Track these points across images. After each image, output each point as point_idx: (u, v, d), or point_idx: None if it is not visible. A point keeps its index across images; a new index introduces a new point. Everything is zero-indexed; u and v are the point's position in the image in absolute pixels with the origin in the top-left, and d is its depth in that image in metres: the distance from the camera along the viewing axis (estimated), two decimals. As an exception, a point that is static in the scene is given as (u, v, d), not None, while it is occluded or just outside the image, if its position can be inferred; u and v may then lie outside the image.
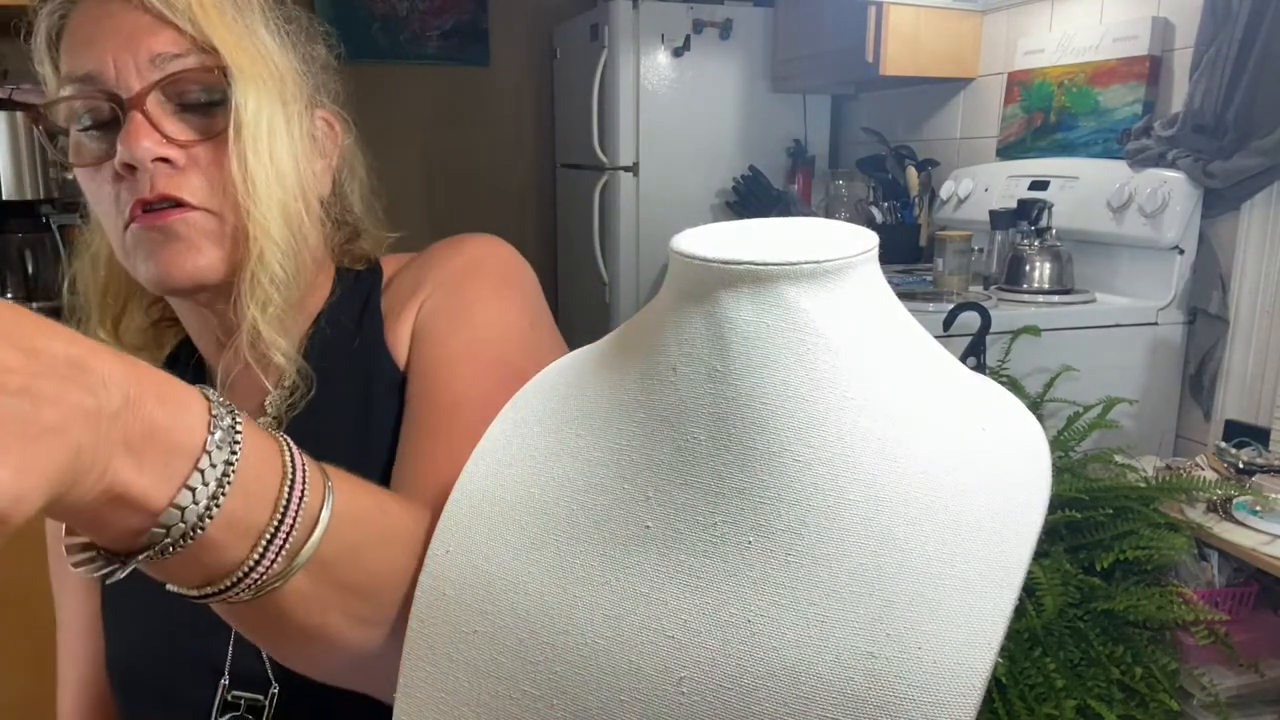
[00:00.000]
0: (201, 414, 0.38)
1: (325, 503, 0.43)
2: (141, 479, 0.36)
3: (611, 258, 2.90)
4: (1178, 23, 1.88)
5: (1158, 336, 1.84)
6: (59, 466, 0.32)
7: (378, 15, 3.43)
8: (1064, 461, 1.44)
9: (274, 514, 0.40)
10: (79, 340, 0.34)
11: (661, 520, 0.43)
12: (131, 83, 0.58)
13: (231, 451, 0.38)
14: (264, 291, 0.60)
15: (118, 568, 0.39)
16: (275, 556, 0.41)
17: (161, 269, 0.59)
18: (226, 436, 0.38)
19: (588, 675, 0.42)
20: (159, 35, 0.58)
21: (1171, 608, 1.26)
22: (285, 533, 0.41)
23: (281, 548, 0.41)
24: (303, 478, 0.42)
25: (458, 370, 0.63)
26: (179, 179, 0.59)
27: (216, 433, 0.38)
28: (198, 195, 0.59)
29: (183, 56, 0.59)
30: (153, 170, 0.58)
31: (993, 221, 2.08)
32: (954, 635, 0.37)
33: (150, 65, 0.58)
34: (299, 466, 0.42)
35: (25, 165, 1.76)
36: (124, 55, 0.58)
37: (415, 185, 3.57)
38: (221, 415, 0.39)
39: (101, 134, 0.60)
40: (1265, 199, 1.70)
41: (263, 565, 0.40)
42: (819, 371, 0.42)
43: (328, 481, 0.44)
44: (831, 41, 2.56)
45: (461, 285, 0.68)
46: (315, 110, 0.68)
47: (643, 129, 2.84)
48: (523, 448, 0.50)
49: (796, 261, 0.42)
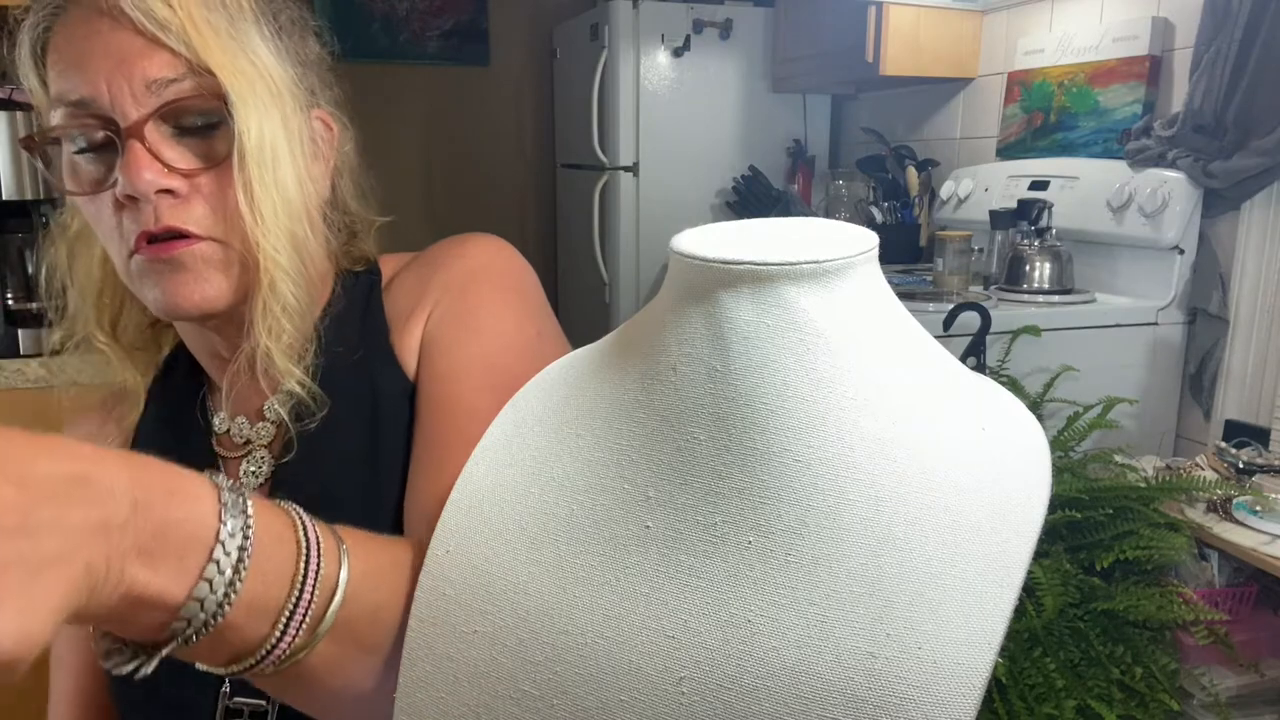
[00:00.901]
0: (212, 503, 0.39)
1: (341, 570, 0.44)
2: (158, 578, 0.36)
3: (611, 258, 2.90)
4: (1178, 23, 1.88)
5: (1158, 336, 1.84)
6: (66, 594, 0.32)
7: (378, 15, 3.43)
8: (1064, 461, 1.44)
9: (292, 590, 0.42)
10: (77, 453, 0.34)
11: (662, 520, 0.43)
12: (128, 109, 0.56)
13: (245, 537, 0.39)
14: (276, 320, 0.60)
15: (144, 661, 0.39)
16: (297, 631, 0.42)
17: (169, 299, 0.59)
18: (239, 523, 0.39)
19: (588, 675, 0.42)
20: (153, 59, 0.56)
21: (1171, 608, 1.26)
22: (305, 607, 0.42)
23: (302, 621, 0.42)
24: (318, 550, 0.43)
25: (469, 385, 0.62)
26: (183, 210, 0.58)
27: (228, 521, 0.39)
28: (202, 225, 0.58)
29: (179, 81, 0.56)
30: (155, 201, 0.57)
31: (993, 221, 2.07)
32: (954, 635, 0.37)
33: (146, 91, 0.56)
34: (313, 539, 0.43)
35: (25, 165, 1.76)
36: (118, 80, 0.56)
37: (415, 185, 3.57)
38: (232, 502, 0.39)
39: (98, 157, 0.58)
40: (1265, 199, 1.70)
41: (285, 640, 0.42)
42: (819, 371, 0.42)
43: (342, 546, 0.45)
44: (831, 41, 2.56)
45: (469, 293, 0.67)
46: (312, 111, 0.66)
47: (643, 129, 2.84)
48: (523, 448, 0.50)
49: (796, 261, 0.42)
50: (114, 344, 0.68)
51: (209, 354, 0.67)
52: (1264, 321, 1.72)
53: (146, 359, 0.72)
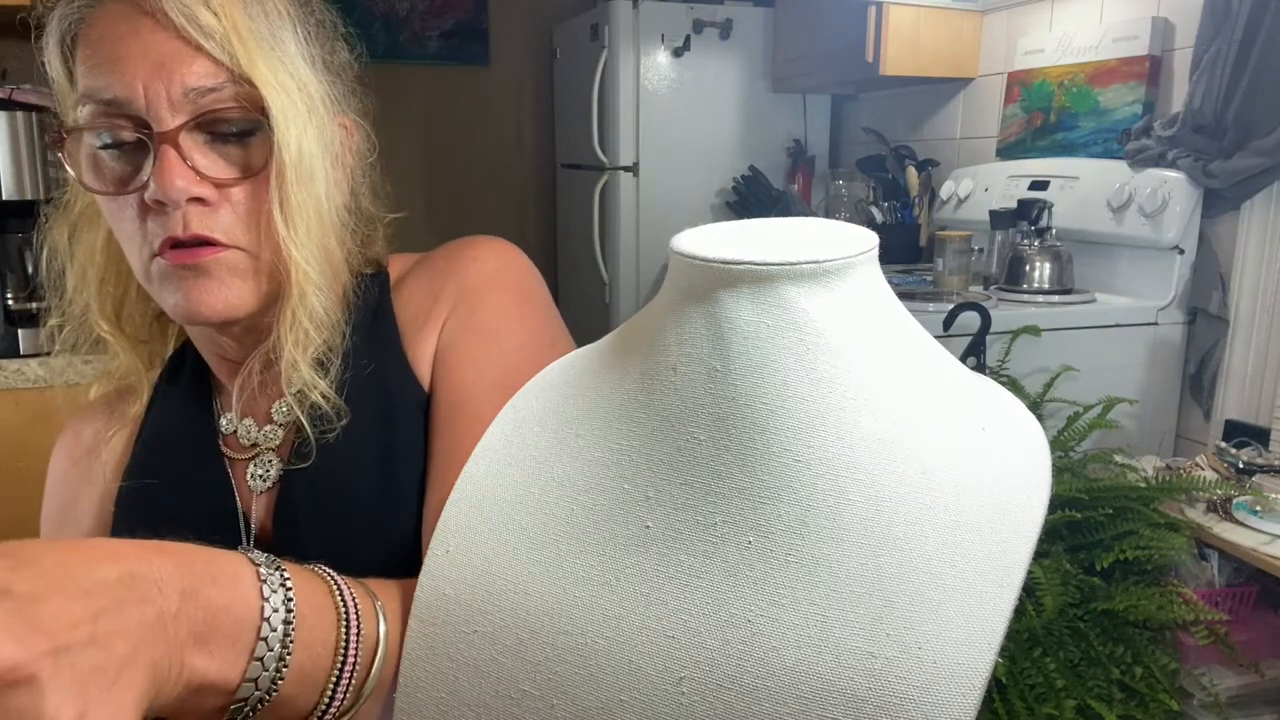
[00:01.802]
0: (253, 581, 0.40)
1: (380, 627, 0.46)
2: (214, 664, 0.38)
3: (611, 258, 2.90)
4: (1178, 23, 1.88)
5: (1158, 336, 1.84)
6: (143, 691, 0.34)
7: (378, 15, 3.43)
8: (1064, 461, 1.44)
9: (336, 656, 0.43)
10: (121, 551, 0.35)
11: (662, 520, 0.43)
12: (163, 114, 0.55)
13: (288, 610, 0.41)
14: (304, 332, 0.60)
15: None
16: (344, 694, 0.44)
17: (191, 305, 0.58)
18: (279, 598, 0.41)
19: (588, 675, 0.42)
20: (193, 66, 0.55)
21: (1171, 608, 1.26)
22: (349, 671, 0.44)
23: (349, 686, 0.44)
24: (356, 614, 0.45)
25: (484, 398, 0.61)
26: (212, 218, 0.57)
27: (270, 598, 0.40)
28: (231, 234, 0.58)
29: (217, 91, 0.56)
30: (185, 209, 0.56)
31: (993, 221, 2.07)
32: (954, 635, 0.37)
33: (184, 98, 0.55)
34: (350, 602, 0.45)
35: (25, 165, 1.76)
36: (155, 84, 0.55)
37: (415, 185, 3.57)
38: (270, 577, 0.41)
39: (124, 155, 0.57)
40: (1265, 199, 1.70)
41: (335, 706, 0.43)
42: (819, 371, 0.42)
43: (377, 602, 0.46)
44: (831, 41, 2.56)
45: (483, 303, 0.66)
46: (336, 119, 0.65)
47: (643, 129, 2.84)
48: (523, 448, 0.50)
49: (796, 261, 0.42)
50: (119, 333, 0.67)
51: (217, 356, 0.67)
52: (1264, 321, 1.72)
53: (152, 351, 0.71)
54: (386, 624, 0.46)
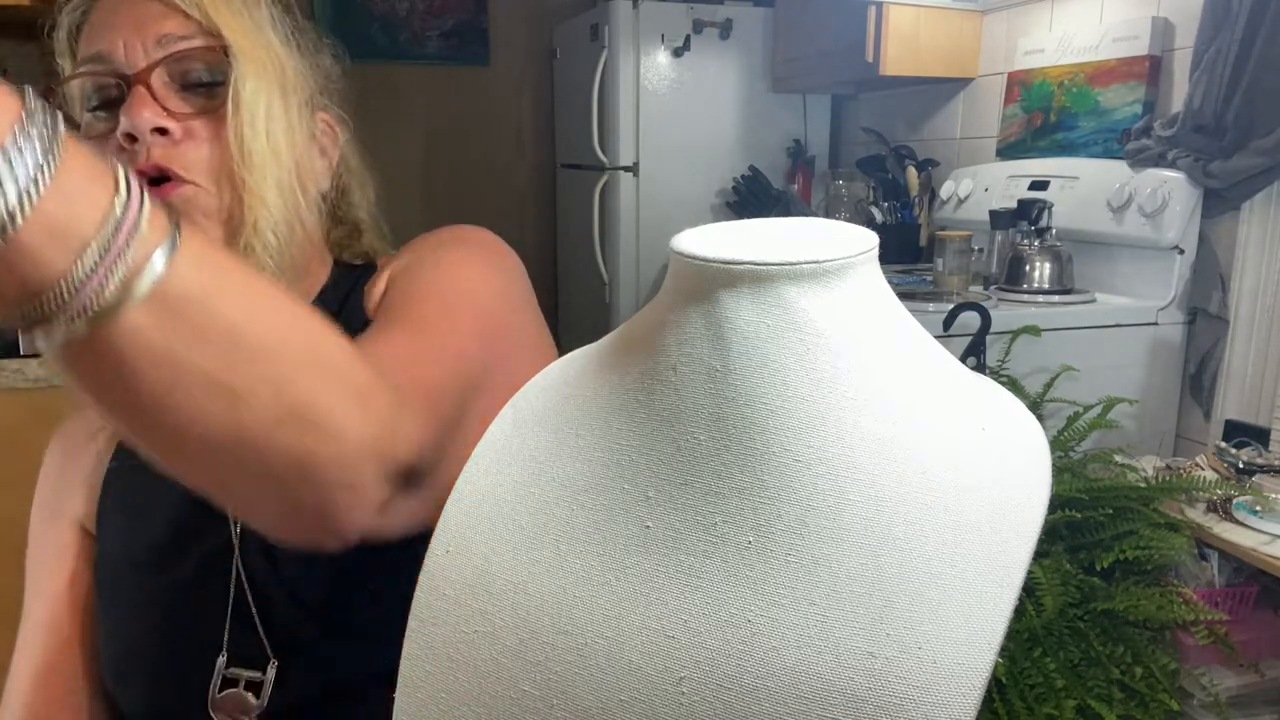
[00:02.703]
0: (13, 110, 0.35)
1: (172, 236, 0.39)
2: None
3: (611, 258, 2.90)
4: (1178, 23, 1.88)
5: (1158, 336, 1.84)
6: None
7: (378, 15, 3.43)
8: (1064, 461, 1.44)
9: (101, 226, 0.36)
10: None
11: (661, 520, 0.43)
12: (139, 62, 0.61)
13: (47, 151, 0.35)
14: (257, 259, 0.62)
15: None
16: (105, 274, 0.36)
17: None
18: (41, 132, 0.35)
19: (588, 675, 0.42)
20: (167, 20, 0.62)
21: (1171, 608, 1.26)
22: (117, 250, 0.36)
23: (112, 265, 0.36)
24: (140, 200, 0.38)
25: (429, 299, 0.64)
26: (173, 151, 0.61)
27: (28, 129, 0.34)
28: (190, 170, 0.62)
29: (188, 38, 0.62)
30: (150, 141, 0.60)
31: (993, 221, 2.07)
32: (954, 635, 0.37)
33: (156, 45, 0.62)
34: (134, 188, 0.38)
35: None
36: (134, 39, 0.62)
37: (415, 185, 3.57)
38: (34, 112, 0.35)
39: (108, 114, 0.63)
40: (1265, 199, 1.70)
41: (91, 284, 0.36)
42: (819, 371, 0.42)
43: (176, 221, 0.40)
44: (831, 41, 2.56)
45: (440, 250, 0.69)
46: (316, 111, 0.70)
47: (643, 129, 2.84)
48: (523, 448, 0.50)
49: (796, 261, 0.42)
50: None
51: None
52: (1264, 321, 1.72)
53: None
54: (182, 237, 0.39)
